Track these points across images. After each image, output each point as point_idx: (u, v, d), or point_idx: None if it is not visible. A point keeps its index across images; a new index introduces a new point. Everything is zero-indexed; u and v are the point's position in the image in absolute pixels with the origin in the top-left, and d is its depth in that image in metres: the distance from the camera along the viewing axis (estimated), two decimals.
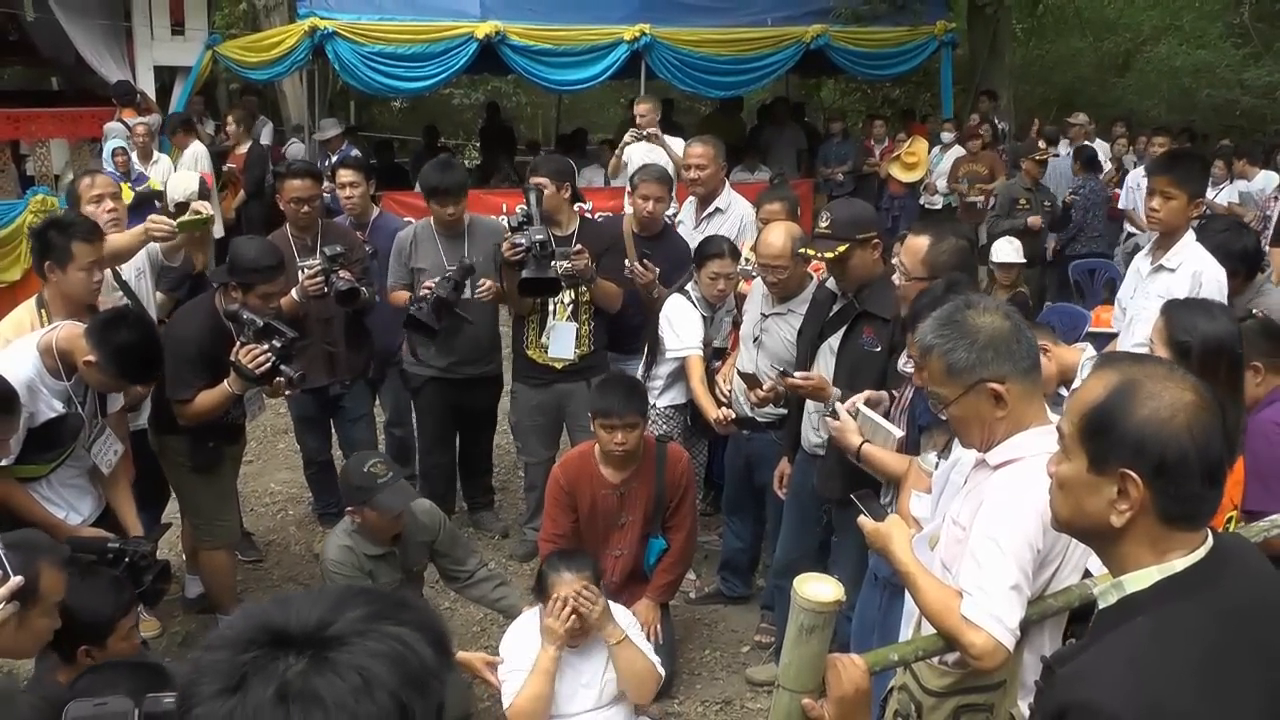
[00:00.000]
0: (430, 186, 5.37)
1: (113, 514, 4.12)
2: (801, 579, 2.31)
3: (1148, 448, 1.72)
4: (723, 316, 5.28)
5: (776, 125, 13.53)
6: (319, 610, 1.16)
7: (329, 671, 1.11)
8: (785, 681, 2.32)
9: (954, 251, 3.78)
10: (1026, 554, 2.45)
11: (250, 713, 1.08)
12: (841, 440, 3.73)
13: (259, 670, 1.11)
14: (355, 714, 1.09)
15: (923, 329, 2.63)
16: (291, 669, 1.10)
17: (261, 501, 6.55)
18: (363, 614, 1.17)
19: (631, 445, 4.35)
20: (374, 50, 10.92)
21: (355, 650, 1.13)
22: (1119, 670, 1.64)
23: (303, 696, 1.09)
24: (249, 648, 1.13)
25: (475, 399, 5.79)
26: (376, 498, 3.95)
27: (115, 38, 11.35)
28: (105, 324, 3.73)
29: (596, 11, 11.45)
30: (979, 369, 2.51)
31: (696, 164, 5.85)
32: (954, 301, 2.68)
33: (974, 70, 14.75)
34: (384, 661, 1.13)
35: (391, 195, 10.90)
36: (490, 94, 20.65)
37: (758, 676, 4.76)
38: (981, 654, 2.42)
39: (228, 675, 1.11)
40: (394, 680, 1.12)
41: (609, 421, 4.31)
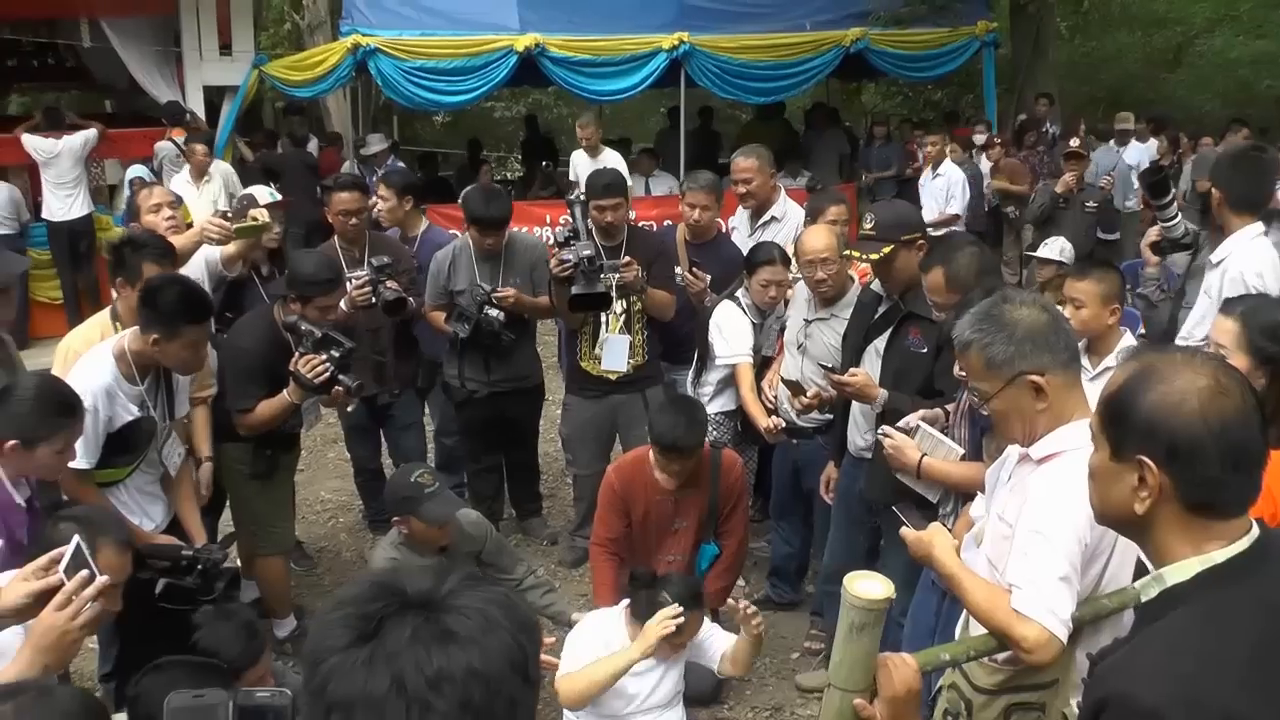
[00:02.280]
0: (474, 216, 5.42)
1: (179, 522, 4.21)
2: (851, 576, 2.32)
3: (1158, 432, 1.72)
4: (772, 324, 5.26)
5: (818, 130, 13.50)
6: (429, 577, 1.26)
7: (455, 613, 1.20)
8: (836, 680, 2.32)
9: (970, 260, 3.75)
10: (1074, 546, 2.45)
11: (390, 653, 1.16)
12: (900, 458, 3.69)
13: (390, 618, 1.19)
14: (486, 648, 1.18)
15: (960, 324, 2.64)
16: (419, 617, 1.19)
17: (313, 510, 6.65)
18: (467, 575, 1.27)
19: (690, 471, 4.33)
20: (416, 65, 11.04)
21: (471, 598, 1.23)
22: (1158, 662, 1.63)
23: (437, 635, 1.18)
24: (374, 602, 1.21)
25: (517, 411, 5.81)
26: (422, 508, 3.99)
27: (166, 61, 11.64)
28: (142, 302, 3.80)
29: (635, 20, 11.49)
30: (1018, 361, 2.50)
31: (743, 178, 5.77)
32: (991, 296, 2.68)
33: (1017, 70, 14.62)
34: (498, 607, 1.23)
35: (436, 208, 11.01)
36: (531, 106, 20.79)
37: (807, 683, 4.75)
38: (1034, 647, 2.41)
39: (360, 626, 1.19)
40: (509, 622, 1.22)
41: (668, 454, 4.25)
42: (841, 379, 4.12)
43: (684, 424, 4.25)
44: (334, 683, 1.16)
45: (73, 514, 2.76)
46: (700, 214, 5.54)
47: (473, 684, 1.16)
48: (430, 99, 11.59)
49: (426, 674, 1.14)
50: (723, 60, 11.66)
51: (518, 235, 5.74)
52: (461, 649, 1.17)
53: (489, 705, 1.16)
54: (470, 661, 1.16)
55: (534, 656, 1.24)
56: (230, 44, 11.76)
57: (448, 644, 1.17)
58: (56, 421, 3.18)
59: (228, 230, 4.82)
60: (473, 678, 1.16)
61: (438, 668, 1.15)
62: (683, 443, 4.22)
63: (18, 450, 3.09)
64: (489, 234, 5.37)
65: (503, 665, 1.19)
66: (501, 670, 1.18)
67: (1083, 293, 4.11)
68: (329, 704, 1.16)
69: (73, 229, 10.18)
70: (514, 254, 5.50)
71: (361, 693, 1.15)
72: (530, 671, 1.23)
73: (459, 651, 1.16)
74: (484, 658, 1.17)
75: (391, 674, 1.15)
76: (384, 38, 10.99)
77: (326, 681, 1.17)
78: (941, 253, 3.83)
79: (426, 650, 1.16)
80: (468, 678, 1.16)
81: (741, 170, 5.81)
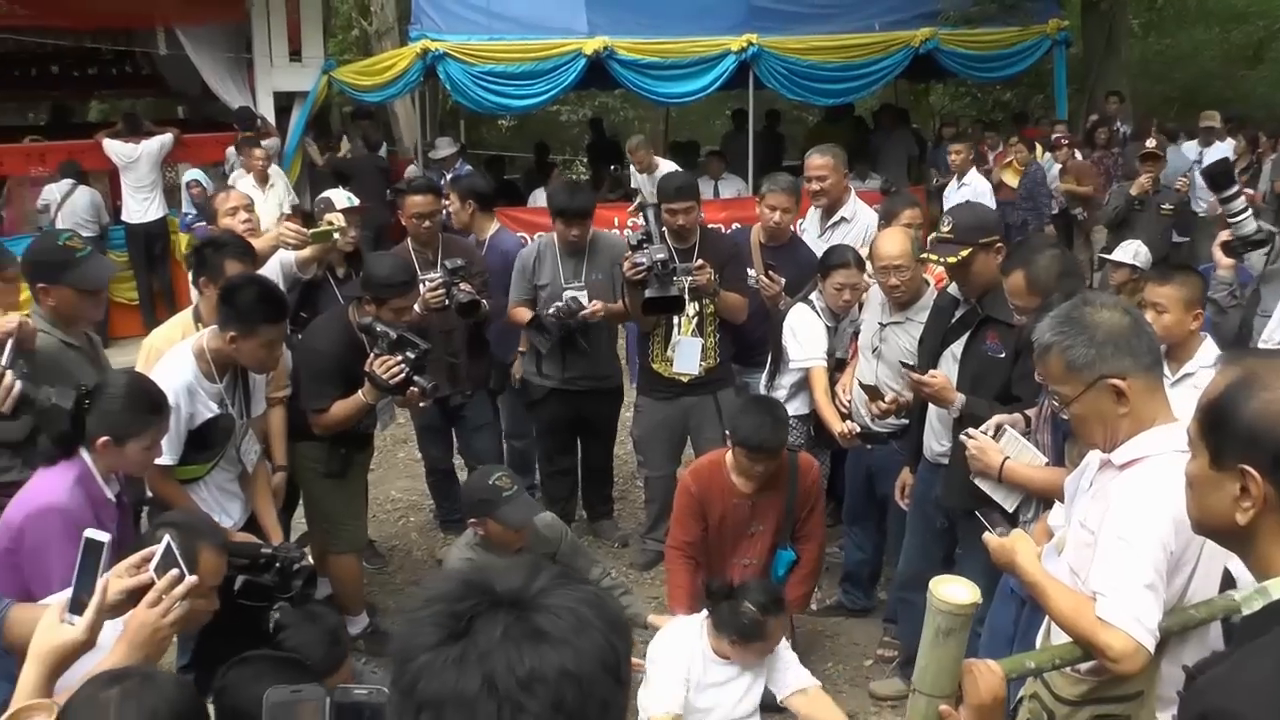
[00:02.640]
0: (559, 208, 5.47)
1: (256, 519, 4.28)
2: (937, 580, 2.30)
3: (1262, 440, 1.67)
4: (846, 327, 5.22)
5: (886, 132, 13.39)
6: (519, 574, 1.24)
7: (548, 613, 1.19)
8: (921, 686, 2.30)
9: (1051, 262, 3.70)
10: (1159, 554, 2.40)
11: (481, 652, 1.15)
12: (983, 460, 3.65)
13: (481, 616, 1.18)
14: (578, 649, 1.17)
15: (1040, 327, 2.60)
16: (510, 616, 1.18)
17: (383, 509, 6.72)
18: (557, 574, 1.25)
19: (771, 472, 4.31)
20: (484, 70, 11.12)
21: (562, 597, 1.21)
22: (1262, 679, 1.57)
23: (529, 635, 1.17)
24: (464, 600, 1.20)
25: (595, 410, 5.85)
26: (500, 511, 4.00)
27: (237, 67, 11.88)
28: (221, 300, 3.89)
29: (703, 22, 11.46)
30: (1099, 365, 2.46)
31: (817, 175, 5.76)
32: (1072, 299, 2.64)
33: (1088, 69, 14.38)
34: (589, 607, 1.21)
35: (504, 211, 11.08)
36: (596, 109, 20.84)
37: (881, 691, 4.71)
38: (1120, 656, 2.36)
39: (450, 624, 1.18)
40: (601, 622, 1.21)
41: (753, 455, 4.23)
42: (921, 378, 4.08)
43: (769, 424, 4.23)
44: (424, 681, 1.16)
45: (172, 519, 2.81)
46: (780, 216, 5.50)
47: (565, 685, 1.15)
48: (499, 103, 11.66)
49: (518, 674, 1.14)
50: (791, 61, 11.58)
51: (601, 233, 5.78)
52: (554, 649, 1.16)
53: (581, 707, 1.15)
54: (563, 662, 1.15)
55: (626, 657, 1.23)
56: (300, 50, 11.97)
57: (540, 644, 1.16)
58: (146, 419, 3.25)
59: (304, 235, 4.91)
60: (565, 678, 1.15)
61: (530, 668, 1.14)
62: (769, 443, 4.20)
63: (109, 446, 3.16)
64: (574, 225, 5.43)
65: (595, 666, 1.17)
66: (594, 671, 1.17)
67: (1164, 297, 4.04)
68: (419, 702, 1.16)
69: (149, 231, 10.44)
70: (597, 250, 5.55)
71: (452, 692, 1.14)
72: (622, 672, 1.22)
73: (551, 652, 1.16)
74: (577, 658, 1.16)
75: (483, 673, 1.14)
76: (453, 42, 11.07)
77: (416, 680, 1.16)
78: (1022, 255, 3.78)
79: (518, 650, 1.15)
80: (560, 678, 1.15)
81: (817, 168, 5.77)
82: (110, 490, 3.23)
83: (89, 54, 13.66)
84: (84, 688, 2.00)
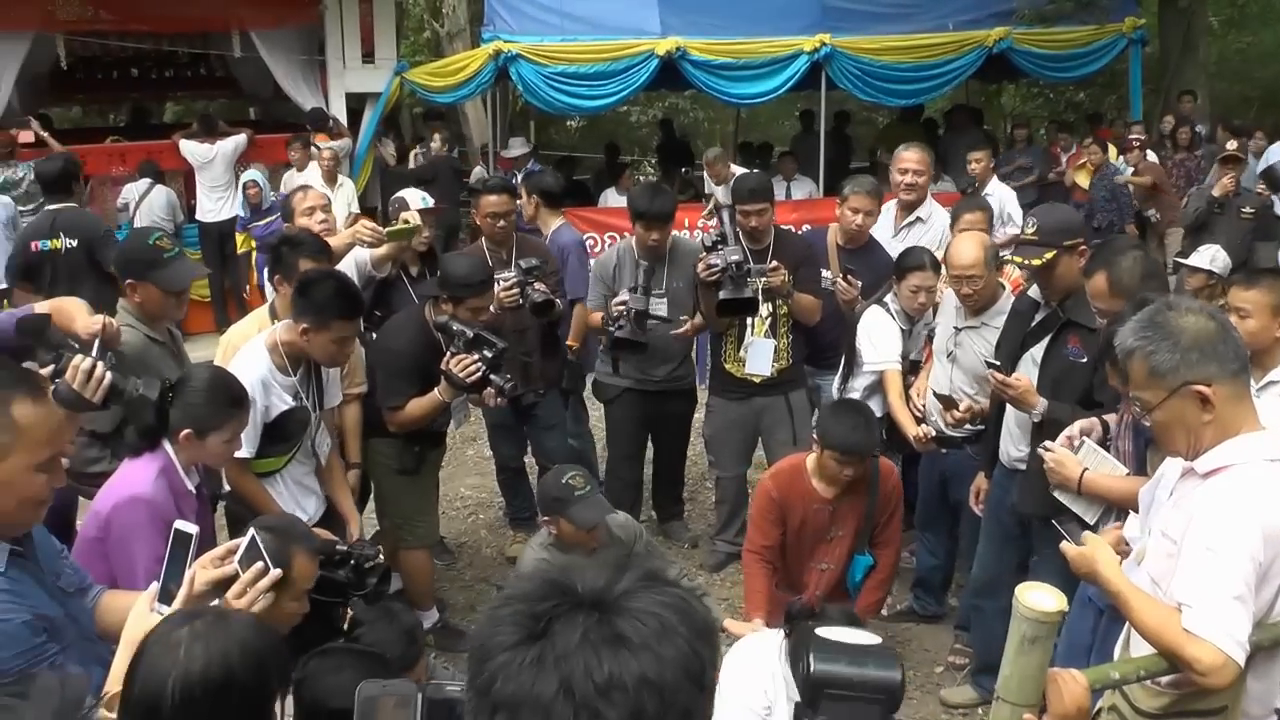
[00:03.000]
0: (639, 211, 5.43)
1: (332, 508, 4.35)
2: (1024, 587, 2.28)
3: None
4: (920, 330, 5.17)
5: (957, 133, 13.23)
6: (603, 574, 1.21)
7: (630, 617, 1.16)
8: (1005, 694, 2.28)
9: (1134, 264, 3.63)
10: (1247, 565, 2.35)
11: (559, 655, 1.13)
12: (1061, 473, 3.59)
13: (560, 618, 1.16)
14: (660, 656, 1.13)
15: (1123, 332, 2.56)
16: (590, 618, 1.15)
17: (453, 506, 6.77)
18: (642, 575, 1.22)
19: (858, 475, 4.27)
20: (556, 70, 11.17)
21: (646, 601, 1.18)
22: None
23: (609, 639, 1.13)
24: (544, 601, 1.18)
25: (669, 410, 5.84)
26: (572, 510, 4.01)
27: (310, 69, 12.07)
28: (298, 291, 3.96)
29: (776, 23, 11.39)
30: (1183, 371, 2.41)
31: (914, 169, 5.72)
32: (1156, 303, 2.59)
33: (1165, 69, 14.08)
34: (674, 612, 1.18)
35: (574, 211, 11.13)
36: (666, 110, 20.86)
37: (952, 699, 4.67)
38: (1209, 669, 2.31)
39: (529, 625, 1.16)
40: (686, 628, 1.17)
41: (844, 458, 4.19)
42: (1005, 380, 4.02)
43: (861, 426, 4.21)
44: (500, 681, 1.14)
45: (267, 522, 2.87)
46: (863, 219, 5.48)
47: (645, 693, 1.12)
48: (570, 104, 11.71)
49: (596, 680, 1.11)
50: (864, 62, 11.50)
51: (680, 238, 5.75)
52: (634, 655, 1.13)
53: (661, 717, 1.12)
54: (644, 669, 1.12)
55: (711, 664, 1.19)
56: (373, 52, 12.11)
57: (620, 649, 1.13)
58: (227, 412, 3.31)
59: (380, 234, 4.97)
60: (645, 686, 1.12)
61: (609, 674, 1.11)
62: (860, 445, 4.17)
63: (191, 439, 3.22)
64: (654, 229, 5.39)
65: (678, 674, 1.14)
66: (676, 679, 1.14)
67: (1250, 302, 3.92)
68: (495, 703, 1.14)
69: (221, 230, 10.67)
70: (677, 256, 5.54)
71: (528, 694, 1.12)
72: (706, 680, 1.18)
73: (631, 659, 1.12)
74: (658, 665, 1.13)
75: (560, 677, 1.11)
76: (525, 44, 11.14)
77: (493, 680, 1.14)
78: (1104, 256, 3.71)
79: (597, 654, 1.12)
80: (640, 686, 1.11)
81: (912, 161, 5.74)
82: (191, 482, 3.29)
83: (166, 57, 13.98)
84: (160, 625, 2.03)
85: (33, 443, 2.27)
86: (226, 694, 1.92)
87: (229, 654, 1.94)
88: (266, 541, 2.50)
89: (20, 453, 2.25)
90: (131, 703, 1.93)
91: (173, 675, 1.90)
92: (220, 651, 1.94)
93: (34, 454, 2.27)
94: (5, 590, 2.26)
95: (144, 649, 1.97)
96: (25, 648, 2.24)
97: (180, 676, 1.90)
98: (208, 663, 1.92)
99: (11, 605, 2.24)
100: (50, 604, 2.37)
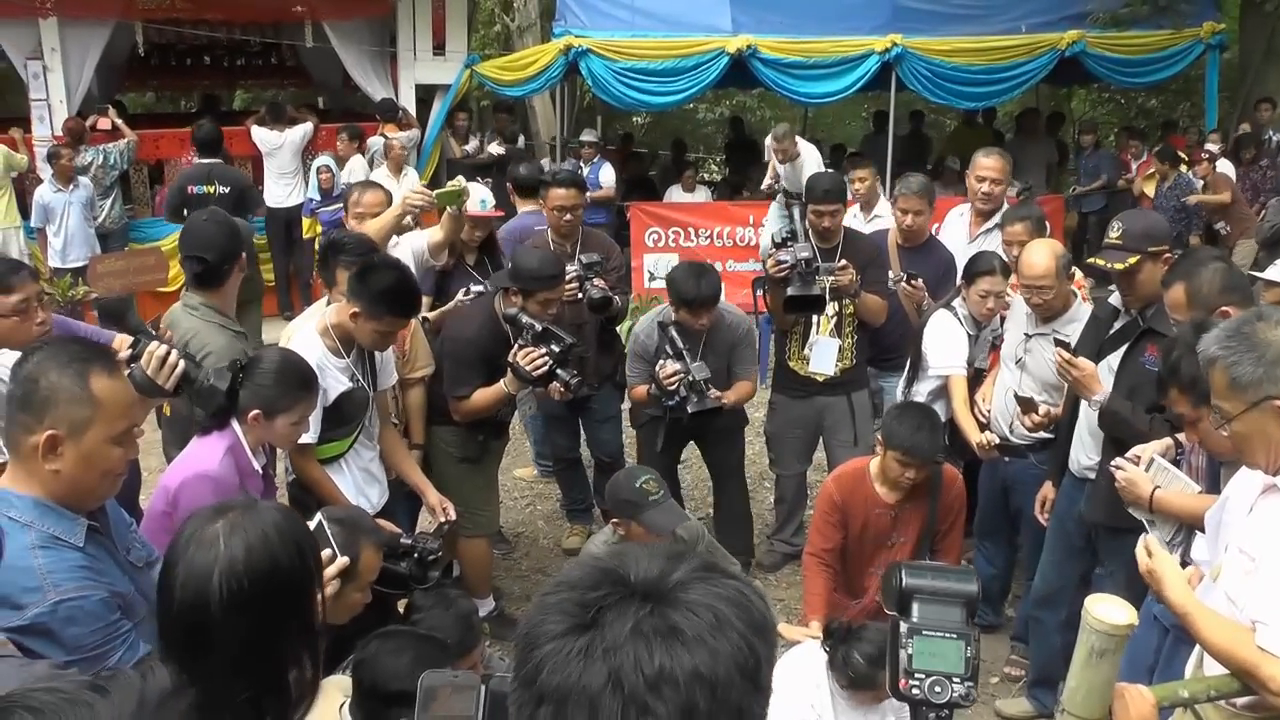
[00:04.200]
0: (685, 298, 5.00)
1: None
2: (1093, 599, 2.25)
3: None
4: (986, 336, 5.11)
5: (1027, 137, 13.06)
6: (658, 563, 1.17)
7: (683, 608, 1.11)
8: (1071, 707, 2.26)
9: (1214, 275, 3.53)
10: None
11: (609, 646, 1.08)
12: (1132, 491, 3.50)
13: (611, 608, 1.11)
14: (714, 650, 1.09)
15: (1207, 339, 2.50)
16: (643, 609, 1.11)
17: (510, 495, 6.80)
18: (698, 565, 1.18)
19: (920, 480, 4.22)
20: (626, 66, 11.17)
21: (701, 593, 1.13)
22: None
23: (661, 631, 1.09)
24: (596, 589, 1.14)
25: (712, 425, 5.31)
26: (646, 514, 3.96)
27: (381, 60, 12.20)
28: (359, 274, 3.95)
29: (848, 23, 11.30)
30: (1266, 385, 2.36)
31: (992, 177, 5.59)
32: (1246, 313, 2.54)
33: (1244, 76, 13.69)
34: (729, 605, 1.13)
35: (639, 206, 11.19)
36: (734, 108, 20.79)
37: (1007, 710, 4.62)
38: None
39: (578, 614, 1.12)
40: (741, 623, 1.12)
41: (908, 459, 4.13)
42: (1069, 359, 3.95)
43: (926, 427, 4.15)
44: (547, 672, 1.09)
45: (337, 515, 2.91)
46: (912, 219, 5.45)
47: (697, 688, 1.07)
48: (639, 99, 11.70)
49: (646, 673, 1.06)
50: (935, 63, 11.34)
51: (724, 312, 5.28)
52: (687, 649, 1.08)
53: (713, 713, 1.07)
54: (696, 664, 1.08)
55: (767, 661, 1.15)
56: (444, 44, 12.22)
57: (672, 642, 1.08)
58: (295, 394, 3.36)
59: (428, 196, 4.84)
60: (697, 681, 1.07)
61: (659, 667, 1.07)
62: (924, 447, 4.11)
63: (259, 420, 3.28)
64: (701, 314, 5.01)
65: (731, 670, 1.09)
66: (729, 675, 1.09)
67: None
68: (540, 693, 1.10)
69: (288, 216, 10.81)
70: (717, 333, 5.22)
71: (575, 685, 1.08)
72: (762, 678, 1.14)
73: (684, 652, 1.08)
74: (711, 660, 1.08)
75: (609, 669, 1.07)
76: (596, 39, 11.16)
77: (539, 669, 1.10)
78: (1184, 267, 3.63)
79: (648, 647, 1.08)
80: (692, 681, 1.07)
81: (988, 169, 5.62)
82: (258, 462, 3.35)
83: (238, 45, 14.20)
84: (188, 523, 2.02)
85: (110, 416, 2.31)
86: (272, 580, 1.90)
87: (269, 538, 1.93)
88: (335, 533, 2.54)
89: (99, 425, 2.29)
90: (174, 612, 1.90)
91: (217, 570, 1.88)
92: (259, 536, 1.93)
93: (111, 426, 2.31)
94: (85, 566, 2.28)
95: (177, 551, 1.95)
96: (103, 624, 2.25)
97: (225, 569, 1.88)
98: (249, 550, 1.90)
99: (91, 581, 2.26)
100: (123, 579, 2.40)
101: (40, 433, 2.25)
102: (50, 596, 2.19)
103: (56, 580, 2.21)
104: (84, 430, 2.28)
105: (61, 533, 2.28)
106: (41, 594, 2.19)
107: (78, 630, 2.21)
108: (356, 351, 4.10)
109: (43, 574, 2.21)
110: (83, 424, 2.27)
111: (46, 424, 2.25)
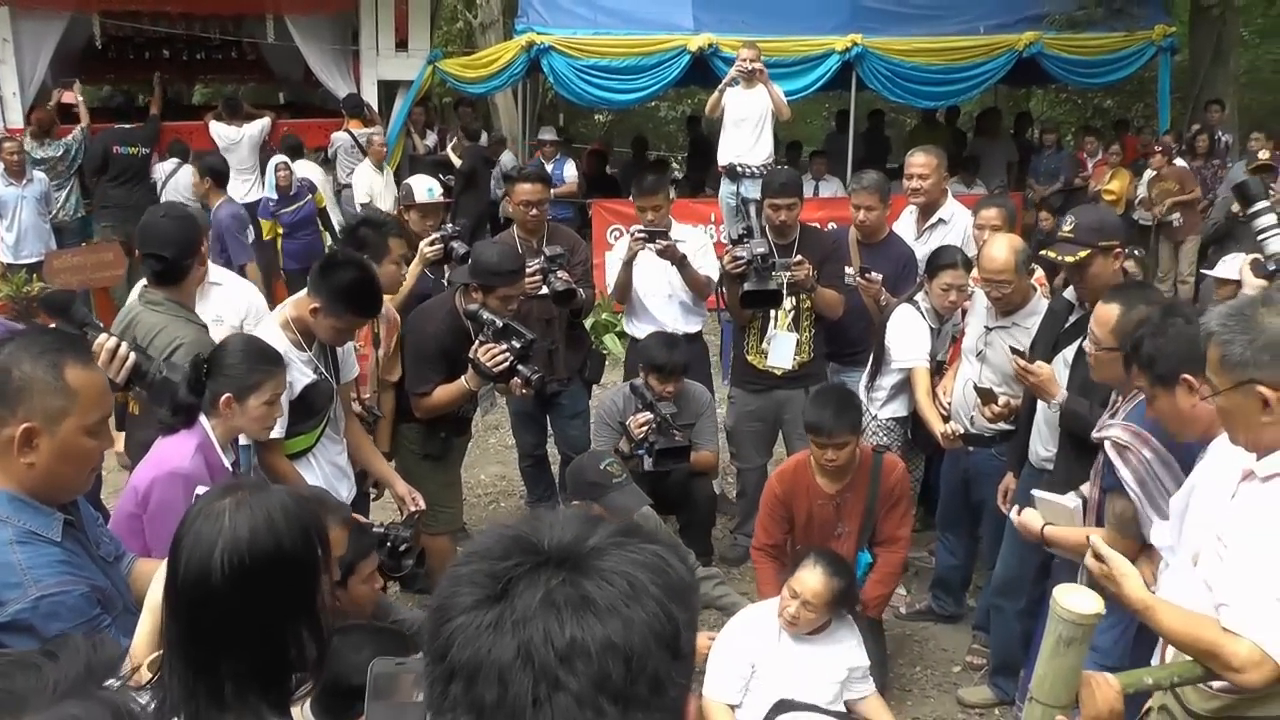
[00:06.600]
0: (656, 365, 5.15)
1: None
2: (1062, 589, 2.28)
3: None
4: (948, 330, 5.18)
5: (987, 137, 13.19)
6: (572, 528, 1.12)
7: (596, 576, 1.06)
8: (1039, 695, 2.28)
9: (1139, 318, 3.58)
10: None
11: (518, 618, 1.04)
12: (1025, 530, 3.69)
13: (522, 578, 1.06)
14: (627, 619, 1.04)
15: (1210, 313, 2.54)
16: (555, 577, 1.06)
17: (474, 493, 6.78)
18: (614, 530, 1.13)
19: (842, 461, 4.31)
20: (588, 64, 11.21)
21: (616, 559, 1.08)
22: None
23: (572, 601, 1.04)
24: (506, 559, 1.09)
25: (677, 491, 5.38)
26: (608, 496, 3.99)
27: (343, 56, 12.15)
28: (321, 269, 3.94)
29: (808, 22, 11.37)
30: (1251, 368, 2.40)
31: (918, 174, 5.69)
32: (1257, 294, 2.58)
33: (1194, 78, 13.95)
34: (646, 571, 1.08)
35: (601, 203, 11.20)
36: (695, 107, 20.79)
37: (969, 699, 4.67)
38: (1245, 665, 2.29)
39: (488, 585, 1.07)
40: (658, 589, 1.07)
41: (820, 439, 4.27)
42: (1027, 366, 4.01)
43: (833, 405, 4.27)
44: (458, 645, 1.05)
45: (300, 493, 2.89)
46: (866, 214, 5.49)
47: (610, 659, 1.02)
48: (601, 97, 11.74)
49: (556, 645, 1.02)
50: (895, 63, 11.46)
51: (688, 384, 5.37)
52: (599, 619, 1.03)
53: (629, 684, 1.02)
54: (609, 634, 1.03)
55: (687, 627, 1.08)
56: (407, 41, 12.17)
57: (584, 612, 1.03)
58: (264, 369, 3.32)
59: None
60: (610, 652, 1.02)
61: (570, 638, 1.02)
62: (829, 424, 4.22)
63: (231, 404, 3.24)
64: (669, 381, 5.16)
65: (647, 638, 1.04)
66: (645, 644, 1.04)
67: None
68: (452, 668, 1.05)
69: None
70: (687, 401, 5.33)
71: (485, 659, 1.03)
72: (681, 646, 1.08)
73: (596, 622, 1.03)
74: (625, 630, 1.03)
75: (519, 642, 1.02)
76: (558, 36, 11.19)
77: (450, 643, 1.06)
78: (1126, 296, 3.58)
79: (559, 618, 1.03)
80: (604, 652, 1.02)
81: (917, 166, 5.71)
82: (227, 458, 3.32)
83: (197, 38, 14.05)
84: (198, 502, 2.00)
85: (86, 406, 2.28)
86: (275, 559, 1.89)
87: (274, 519, 1.91)
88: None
89: (75, 416, 2.26)
90: (179, 582, 1.89)
91: (220, 544, 1.86)
92: (265, 516, 1.90)
93: (86, 417, 2.28)
94: (64, 561, 2.25)
95: (186, 526, 1.93)
96: (84, 619, 2.22)
97: (229, 544, 1.86)
98: (254, 528, 1.88)
99: (71, 576, 2.23)
100: (99, 574, 2.36)
101: (15, 425, 2.21)
102: (31, 592, 2.16)
103: (37, 576, 2.18)
104: (59, 421, 2.24)
105: (39, 528, 2.25)
106: (23, 590, 2.16)
107: (60, 626, 2.16)
108: (318, 345, 4.07)
109: (23, 570, 2.17)
110: (58, 415, 2.23)
111: (21, 416, 2.21)
